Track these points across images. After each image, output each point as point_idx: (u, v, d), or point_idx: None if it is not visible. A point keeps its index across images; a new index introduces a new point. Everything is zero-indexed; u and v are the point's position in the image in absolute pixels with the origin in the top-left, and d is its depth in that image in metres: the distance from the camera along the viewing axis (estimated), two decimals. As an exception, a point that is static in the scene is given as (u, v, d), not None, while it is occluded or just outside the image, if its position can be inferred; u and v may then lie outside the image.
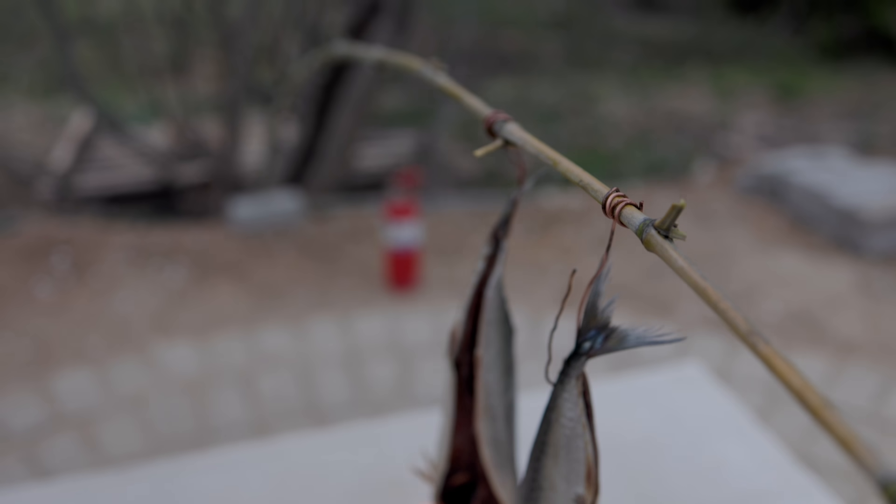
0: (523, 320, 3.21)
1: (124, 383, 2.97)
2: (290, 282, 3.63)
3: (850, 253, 3.92)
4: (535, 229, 4.08)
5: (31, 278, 3.64)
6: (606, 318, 0.75)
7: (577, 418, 0.77)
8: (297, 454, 1.84)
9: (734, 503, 1.69)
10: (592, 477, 0.79)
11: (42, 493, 1.82)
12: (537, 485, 0.80)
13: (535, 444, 0.79)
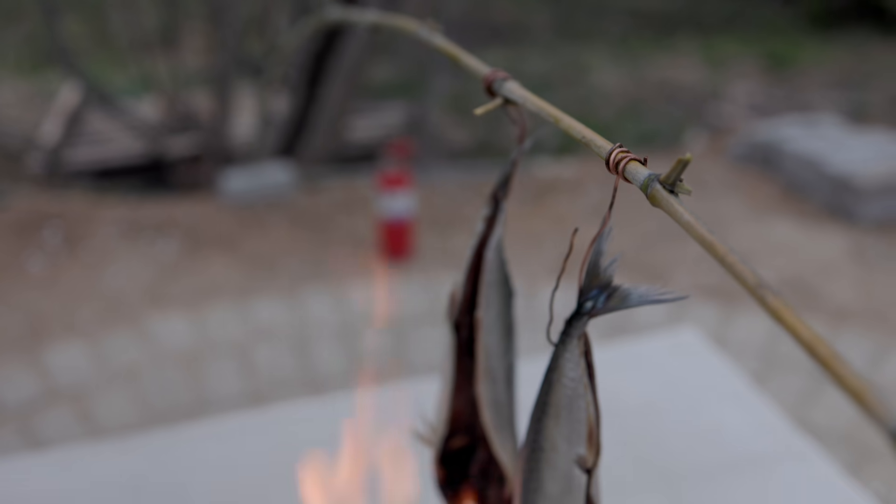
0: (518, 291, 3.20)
1: (118, 356, 2.96)
2: (283, 253, 3.62)
3: (843, 220, 3.92)
4: (529, 199, 4.08)
5: (22, 253, 3.63)
6: (609, 277, 0.74)
7: (578, 378, 0.77)
8: (293, 422, 1.84)
9: (732, 466, 1.70)
10: (594, 437, 0.79)
11: (38, 462, 1.82)
12: (538, 445, 0.79)
13: (537, 404, 0.79)
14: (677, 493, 1.63)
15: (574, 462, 0.79)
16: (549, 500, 0.81)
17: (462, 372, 0.98)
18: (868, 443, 2.60)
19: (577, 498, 0.81)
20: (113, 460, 1.73)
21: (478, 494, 1.07)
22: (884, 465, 2.52)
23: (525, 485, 0.82)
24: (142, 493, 1.64)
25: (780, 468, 1.70)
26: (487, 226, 0.90)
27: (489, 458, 1.03)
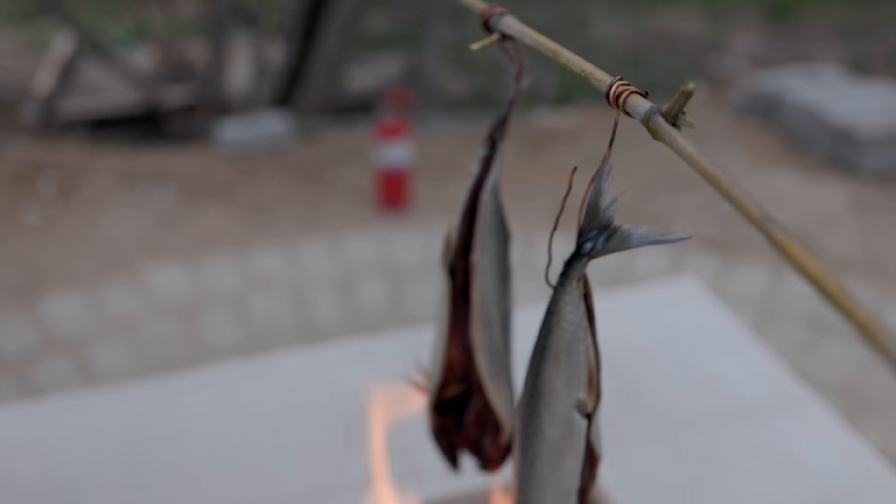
0: (514, 242, 3.19)
1: (115, 306, 2.95)
2: (281, 203, 3.60)
3: (844, 172, 3.90)
4: (527, 150, 4.05)
5: (17, 203, 3.60)
6: (609, 217, 0.72)
7: (577, 322, 0.75)
8: (290, 371, 1.83)
9: (730, 414, 1.69)
10: (594, 381, 0.77)
11: (34, 411, 1.81)
12: (537, 390, 0.78)
13: (535, 348, 0.77)
14: (675, 440, 1.63)
15: (574, 407, 0.77)
16: (549, 446, 0.80)
17: (457, 318, 0.96)
18: (865, 395, 2.59)
19: (576, 443, 0.79)
20: (109, 409, 1.72)
21: (473, 444, 1.06)
22: (881, 417, 2.52)
23: (524, 430, 0.81)
24: (138, 441, 1.63)
25: (778, 417, 1.69)
26: (484, 167, 0.88)
27: (484, 406, 1.02)
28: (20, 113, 4.96)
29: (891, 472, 1.57)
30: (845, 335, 2.81)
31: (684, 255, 3.21)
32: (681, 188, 3.65)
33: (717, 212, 3.51)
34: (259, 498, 1.52)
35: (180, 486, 1.54)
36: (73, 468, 1.58)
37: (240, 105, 4.77)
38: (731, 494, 1.53)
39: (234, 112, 4.65)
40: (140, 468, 1.58)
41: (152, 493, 1.53)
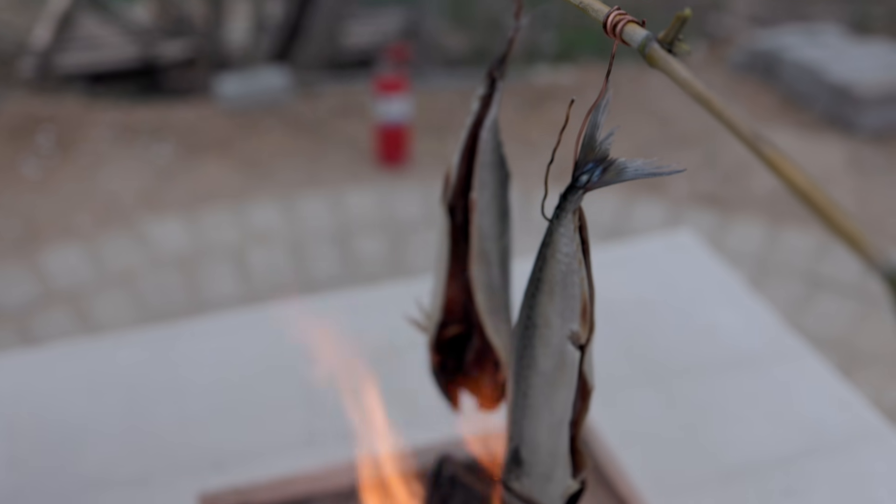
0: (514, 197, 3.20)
1: (114, 259, 2.96)
2: (280, 158, 3.60)
3: (842, 130, 3.90)
4: (525, 106, 4.04)
5: (16, 157, 3.60)
6: (605, 150, 0.73)
7: (572, 254, 0.76)
8: (287, 319, 1.84)
9: (724, 364, 1.71)
10: (587, 313, 0.79)
11: (34, 357, 1.83)
12: (532, 322, 0.79)
13: (530, 280, 0.78)
14: (670, 389, 1.65)
15: (567, 338, 0.79)
16: (542, 377, 0.81)
17: (456, 258, 0.97)
18: (859, 349, 2.62)
19: (569, 374, 0.81)
20: (109, 357, 1.73)
21: (472, 383, 1.08)
22: (874, 371, 2.54)
23: (518, 361, 0.82)
24: (138, 389, 1.65)
25: (773, 367, 1.71)
26: (483, 105, 0.89)
27: (484, 346, 1.03)
28: (18, 67, 4.95)
29: (884, 422, 1.59)
30: (840, 291, 2.82)
31: (682, 211, 3.22)
32: (679, 146, 3.65)
33: (715, 169, 3.52)
34: (258, 446, 1.54)
35: (180, 433, 1.56)
36: (73, 415, 1.60)
37: (239, 60, 4.75)
38: (724, 441, 1.54)
39: (233, 67, 4.64)
40: (140, 415, 1.60)
41: (152, 441, 1.55)
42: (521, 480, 0.89)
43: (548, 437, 0.85)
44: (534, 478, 0.88)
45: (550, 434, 0.85)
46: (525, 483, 0.89)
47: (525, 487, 0.90)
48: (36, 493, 1.45)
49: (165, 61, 5.07)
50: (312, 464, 1.50)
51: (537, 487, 0.89)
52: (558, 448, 0.86)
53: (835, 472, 1.49)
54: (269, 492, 1.47)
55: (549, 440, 0.85)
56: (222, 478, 1.47)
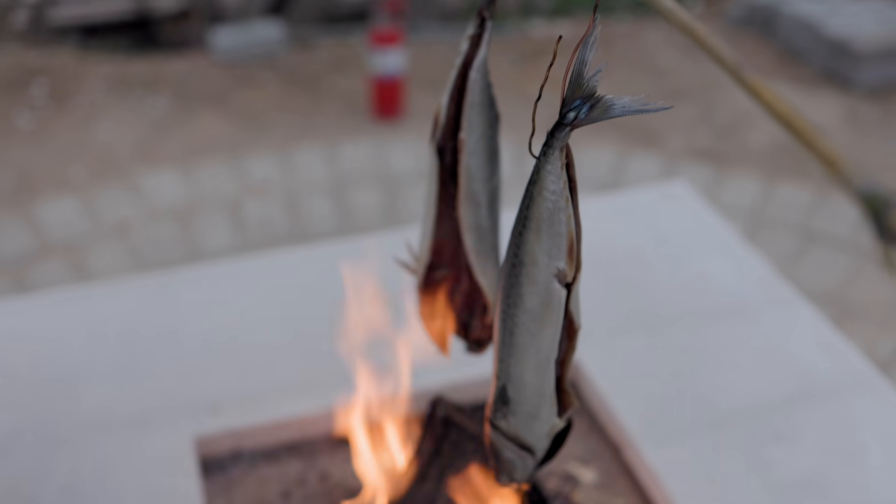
0: (508, 151, 3.20)
1: (109, 211, 2.97)
2: (275, 111, 3.59)
3: (839, 86, 3.89)
4: (521, 60, 4.03)
5: (10, 109, 3.59)
6: (592, 87, 0.74)
7: (559, 191, 0.77)
8: (283, 267, 1.85)
9: (718, 312, 1.72)
10: (574, 252, 0.79)
11: (30, 304, 1.84)
12: (519, 260, 0.80)
13: (517, 218, 0.79)
14: (662, 337, 1.66)
15: (554, 276, 0.80)
16: (529, 315, 0.82)
17: (445, 199, 0.97)
18: (851, 303, 2.63)
19: (556, 312, 0.82)
20: (106, 302, 1.74)
21: (461, 326, 1.09)
22: (866, 324, 2.56)
23: (505, 300, 0.83)
24: (135, 334, 1.66)
25: (765, 315, 1.72)
26: (473, 45, 0.89)
27: (472, 289, 1.04)
28: (11, 20, 4.92)
29: (872, 368, 1.61)
30: (833, 245, 2.83)
31: (677, 165, 3.23)
32: (675, 100, 3.64)
33: (710, 124, 3.52)
34: (255, 388, 1.56)
35: (177, 377, 1.57)
36: (71, 358, 1.61)
37: (233, 12, 4.72)
38: (715, 387, 1.56)
39: (228, 19, 4.61)
40: (137, 360, 1.61)
41: (149, 385, 1.56)
42: (508, 419, 0.90)
43: (534, 376, 0.86)
44: (520, 416, 0.90)
45: (537, 372, 0.86)
46: (512, 422, 0.90)
47: (512, 426, 0.91)
48: (35, 435, 1.46)
49: (159, 13, 5.03)
50: (307, 408, 1.52)
51: (524, 426, 0.90)
52: (544, 386, 0.87)
53: (824, 418, 1.50)
54: (264, 434, 1.49)
55: (535, 379, 0.86)
56: (218, 421, 1.48)
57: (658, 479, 1.40)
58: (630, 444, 1.48)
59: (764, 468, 1.42)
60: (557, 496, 1.46)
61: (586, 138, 3.24)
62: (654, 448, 1.45)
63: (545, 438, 0.91)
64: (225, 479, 1.49)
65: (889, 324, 2.59)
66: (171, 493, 1.38)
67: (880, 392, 1.56)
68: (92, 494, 1.37)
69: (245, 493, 1.46)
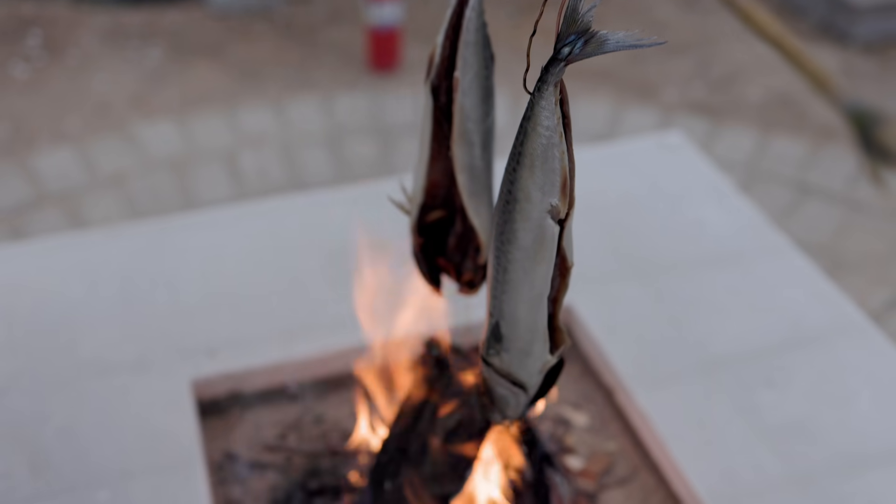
0: (503, 103, 3.19)
1: (105, 162, 2.97)
2: (271, 63, 3.58)
3: (835, 40, 3.88)
4: (517, 13, 4.01)
5: (5, 59, 3.58)
6: (587, 22, 0.74)
7: (553, 127, 0.77)
8: (279, 213, 1.86)
9: (711, 260, 1.74)
10: (567, 188, 0.80)
11: (26, 250, 1.85)
12: (512, 196, 0.80)
13: (511, 155, 0.80)
14: (656, 284, 1.67)
15: (547, 212, 0.80)
16: (522, 252, 0.83)
17: (439, 140, 0.98)
18: (843, 256, 2.65)
19: (549, 249, 0.83)
20: (103, 248, 1.75)
21: (454, 267, 1.10)
22: (857, 277, 2.57)
23: (499, 237, 0.84)
24: (132, 279, 1.67)
25: (758, 263, 1.73)
26: (468, -17, 0.90)
27: (465, 229, 1.05)
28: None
29: (863, 316, 1.63)
30: (827, 198, 2.84)
31: (672, 118, 3.22)
32: (671, 53, 3.63)
33: (707, 77, 3.51)
34: (250, 333, 1.57)
35: (174, 322, 1.59)
36: (68, 305, 1.62)
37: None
38: (707, 334, 1.58)
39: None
40: (134, 305, 1.62)
41: (146, 329, 1.57)
42: (501, 356, 0.92)
43: (527, 313, 0.87)
44: (513, 353, 0.91)
45: (530, 309, 0.87)
46: (505, 358, 0.92)
47: (504, 363, 0.92)
48: (34, 378, 1.48)
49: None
50: (303, 351, 1.53)
51: (516, 362, 0.92)
52: (537, 323, 0.88)
53: (814, 364, 1.52)
54: (261, 377, 1.51)
55: (528, 315, 0.87)
56: (215, 364, 1.50)
57: (650, 422, 1.42)
58: (622, 388, 1.50)
59: (754, 412, 1.44)
60: (550, 439, 1.48)
61: (582, 92, 3.24)
62: (646, 392, 1.47)
63: (537, 375, 0.93)
64: (222, 421, 1.51)
65: (881, 277, 2.60)
66: (169, 434, 1.40)
67: (870, 339, 1.58)
68: (90, 436, 1.39)
69: (242, 435, 1.48)
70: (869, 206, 2.82)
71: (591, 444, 1.49)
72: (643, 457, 1.46)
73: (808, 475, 1.33)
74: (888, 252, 2.68)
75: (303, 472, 1.42)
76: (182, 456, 1.36)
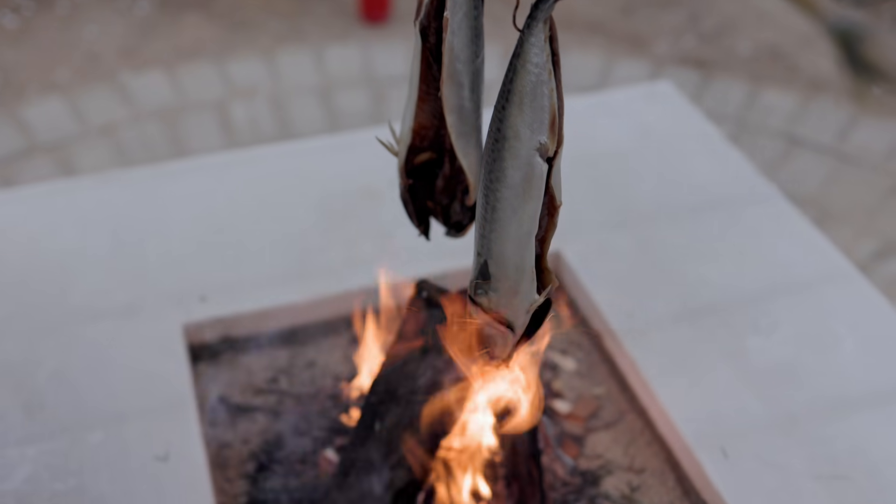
0: (495, 56, 3.18)
1: (96, 112, 2.96)
2: (262, 14, 3.56)
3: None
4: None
5: (-7, 9, 3.55)
6: (574, -40, 0.74)
7: (542, 65, 0.78)
8: (271, 161, 1.87)
9: (699, 208, 1.75)
10: (556, 126, 0.81)
11: (21, 194, 1.85)
12: (501, 134, 0.81)
13: (501, 93, 0.80)
14: (644, 231, 1.69)
15: (536, 150, 0.81)
16: (511, 190, 0.84)
17: (428, 81, 0.98)
18: (831, 208, 2.66)
19: (537, 187, 0.83)
20: (94, 194, 1.76)
21: (442, 211, 1.10)
22: (845, 228, 2.59)
23: (487, 175, 0.85)
24: (124, 225, 1.68)
25: (746, 211, 1.75)
26: (457, -77, 0.89)
27: (454, 171, 1.05)
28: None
29: (848, 263, 1.64)
30: (816, 151, 2.85)
31: (663, 71, 3.22)
32: (662, 5, 3.62)
33: (697, 30, 3.50)
34: (242, 279, 1.58)
35: (166, 267, 1.60)
36: (60, 251, 1.63)
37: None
38: (695, 281, 1.59)
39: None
40: (126, 251, 1.63)
41: (137, 275, 1.58)
42: (489, 295, 0.92)
43: (515, 251, 0.88)
44: (501, 292, 0.92)
45: (518, 248, 0.88)
46: (492, 298, 0.92)
47: (492, 302, 0.93)
48: (26, 322, 1.49)
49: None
50: (294, 297, 1.54)
51: (504, 301, 0.92)
52: (525, 262, 0.89)
53: (800, 310, 1.54)
54: (251, 322, 1.52)
55: (516, 254, 0.88)
56: (207, 309, 1.51)
57: (636, 365, 1.44)
58: (611, 334, 1.51)
59: (740, 357, 1.45)
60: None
61: (573, 44, 3.23)
62: (633, 338, 1.48)
63: (525, 315, 0.94)
64: (214, 365, 1.52)
65: (868, 228, 2.62)
66: (161, 378, 1.41)
67: (856, 286, 1.60)
68: (83, 379, 1.40)
69: (234, 378, 1.49)
70: (858, 159, 2.83)
71: (579, 389, 1.51)
72: (630, 401, 1.48)
73: (791, 418, 1.35)
74: (876, 204, 2.69)
75: (294, 415, 1.44)
76: (174, 399, 1.38)
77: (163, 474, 1.27)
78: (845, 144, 2.88)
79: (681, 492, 1.36)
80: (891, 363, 1.44)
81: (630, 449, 1.42)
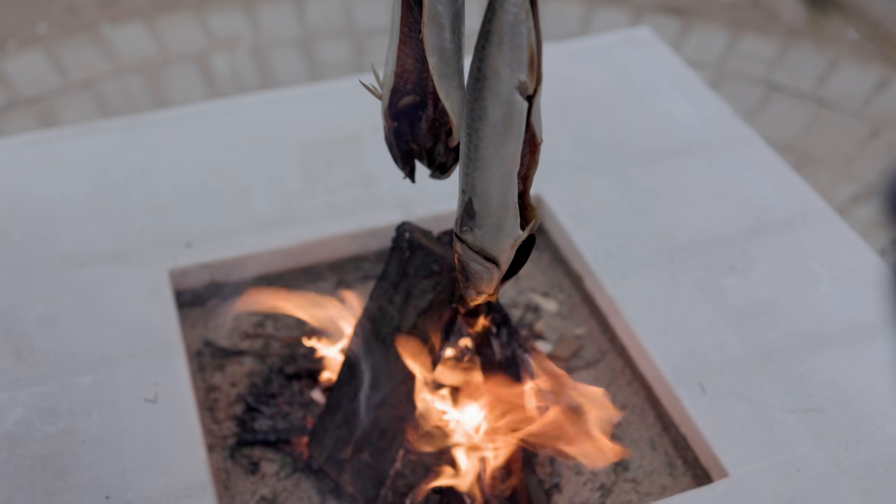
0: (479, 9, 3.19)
1: (76, 66, 2.95)
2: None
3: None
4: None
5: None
6: None
7: (520, 4, 0.79)
8: (252, 109, 1.87)
9: (678, 151, 1.77)
10: (535, 64, 0.82)
11: (5, 145, 1.85)
12: (482, 74, 0.83)
13: (480, 33, 0.82)
14: (623, 174, 1.71)
15: (516, 89, 0.83)
16: (492, 128, 0.86)
17: (409, 25, 0.99)
18: (809, 154, 2.68)
19: (518, 125, 0.85)
20: (76, 143, 1.76)
21: (426, 153, 1.12)
22: (823, 173, 2.61)
23: (469, 115, 0.87)
24: (108, 173, 1.69)
25: (724, 154, 1.77)
26: None
27: (437, 113, 1.07)
28: None
29: (824, 203, 1.67)
30: (794, 96, 2.87)
31: (642, 19, 3.22)
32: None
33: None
34: (226, 225, 1.59)
35: (151, 214, 1.61)
36: (43, 200, 1.64)
37: None
38: (673, 222, 1.61)
39: None
40: (110, 199, 1.64)
41: (123, 222, 1.59)
42: (474, 232, 0.95)
43: (498, 188, 0.90)
44: (485, 229, 0.94)
45: (501, 185, 0.90)
46: (478, 234, 0.95)
47: (478, 239, 0.95)
48: (13, 269, 1.50)
49: None
50: (278, 242, 1.56)
51: (489, 238, 0.95)
52: (508, 198, 0.91)
53: (777, 251, 1.57)
54: (237, 266, 1.54)
55: (499, 191, 0.90)
56: (193, 255, 1.53)
57: (616, 306, 1.47)
58: (591, 275, 1.54)
59: (718, 296, 1.48)
60: (520, 324, 1.53)
61: (554, -6, 3.23)
62: (614, 279, 1.51)
63: (509, 250, 0.96)
64: (201, 310, 1.54)
65: (846, 173, 2.65)
66: (149, 322, 1.43)
67: (832, 227, 1.62)
68: (72, 325, 1.42)
69: (220, 323, 1.51)
70: (836, 104, 2.85)
71: (561, 329, 1.54)
72: (610, 340, 1.51)
73: (767, 354, 1.38)
74: (854, 149, 2.72)
75: (280, 358, 1.46)
76: (162, 343, 1.39)
77: (152, 416, 1.29)
78: (824, 90, 2.90)
79: (660, 427, 1.39)
80: (865, 301, 1.47)
81: (611, 387, 1.46)
